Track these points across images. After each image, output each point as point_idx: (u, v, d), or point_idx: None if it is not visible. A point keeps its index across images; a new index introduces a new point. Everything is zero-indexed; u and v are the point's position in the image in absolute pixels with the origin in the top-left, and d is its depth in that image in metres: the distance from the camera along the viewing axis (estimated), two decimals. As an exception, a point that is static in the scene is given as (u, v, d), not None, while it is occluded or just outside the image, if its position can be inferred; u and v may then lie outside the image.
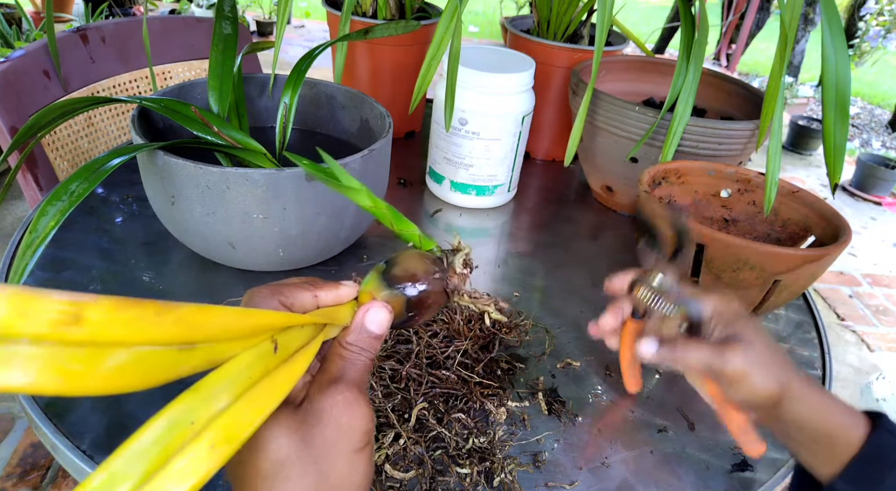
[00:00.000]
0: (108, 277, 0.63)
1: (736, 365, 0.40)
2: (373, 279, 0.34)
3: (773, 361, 0.41)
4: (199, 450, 0.22)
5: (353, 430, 0.28)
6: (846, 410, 0.40)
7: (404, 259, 0.34)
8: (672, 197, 0.73)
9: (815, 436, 0.40)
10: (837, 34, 0.65)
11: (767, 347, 0.42)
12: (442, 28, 0.64)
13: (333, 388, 0.29)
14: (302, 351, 0.28)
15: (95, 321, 0.18)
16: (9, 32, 2.18)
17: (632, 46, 1.06)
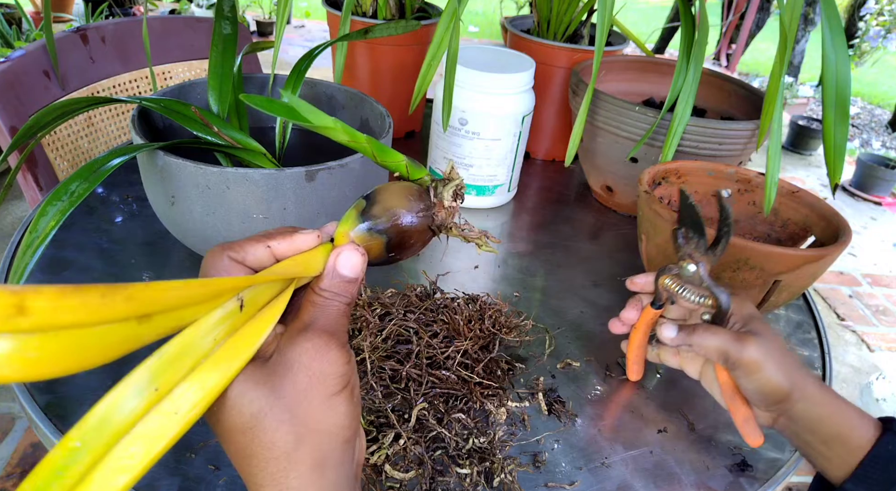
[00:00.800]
0: (108, 278, 0.63)
1: (752, 354, 0.42)
2: (350, 218, 0.31)
3: (787, 360, 0.43)
4: (162, 416, 0.22)
5: (326, 374, 0.27)
6: (857, 414, 0.41)
7: (385, 194, 0.31)
8: (672, 197, 0.73)
9: (826, 438, 0.40)
10: (837, 34, 0.65)
11: (782, 347, 0.44)
12: (442, 28, 0.64)
13: (302, 335, 0.28)
14: (270, 305, 0.28)
15: (41, 309, 0.18)
16: (9, 32, 2.18)
17: (632, 46, 1.06)
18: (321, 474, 0.27)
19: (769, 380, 0.42)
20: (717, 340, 0.43)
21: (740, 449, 0.53)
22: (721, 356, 0.43)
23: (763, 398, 0.43)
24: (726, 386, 0.46)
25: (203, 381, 0.24)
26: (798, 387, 0.42)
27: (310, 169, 0.55)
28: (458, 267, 0.72)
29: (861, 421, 0.41)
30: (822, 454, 0.42)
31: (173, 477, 0.45)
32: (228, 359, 0.25)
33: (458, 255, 0.75)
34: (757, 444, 0.46)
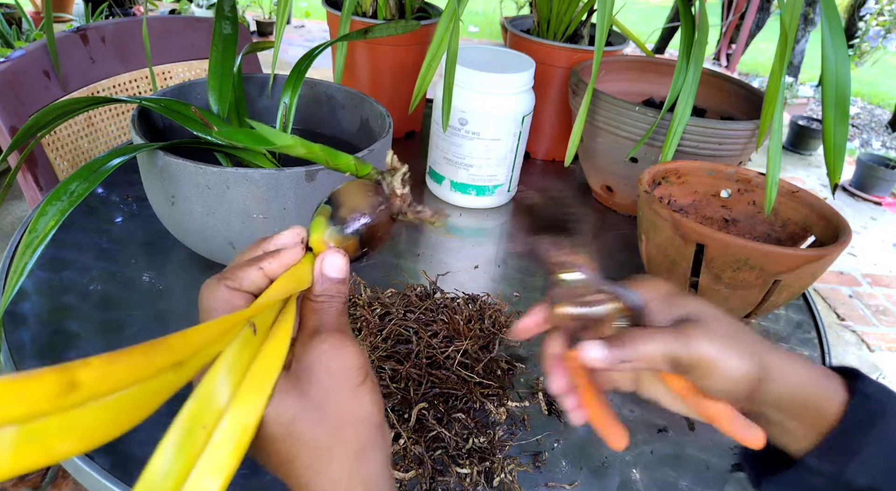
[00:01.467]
0: (107, 277, 0.63)
1: (703, 349, 0.33)
2: (321, 225, 0.33)
3: (742, 337, 0.35)
4: (219, 448, 0.24)
5: (346, 369, 0.29)
6: (825, 378, 0.35)
7: (347, 197, 0.34)
8: (672, 197, 0.73)
9: (795, 413, 0.35)
10: (837, 34, 0.65)
11: (729, 322, 0.35)
12: (442, 28, 0.64)
13: (316, 339, 0.30)
14: (279, 323, 0.30)
15: (91, 381, 0.19)
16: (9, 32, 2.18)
17: (632, 46, 1.06)
18: (364, 460, 0.29)
19: (733, 371, 0.33)
20: (656, 346, 0.34)
21: (739, 447, 0.53)
22: (668, 363, 0.34)
23: (733, 394, 0.35)
24: (685, 392, 0.37)
25: (246, 407, 0.26)
26: (766, 366, 0.34)
27: (310, 169, 0.55)
28: (457, 267, 0.72)
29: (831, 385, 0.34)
30: (787, 430, 0.35)
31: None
32: (261, 379, 0.27)
33: (457, 255, 0.75)
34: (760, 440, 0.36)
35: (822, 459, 0.34)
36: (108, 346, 0.55)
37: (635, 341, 0.34)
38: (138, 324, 0.58)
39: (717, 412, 0.36)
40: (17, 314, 0.57)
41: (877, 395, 0.33)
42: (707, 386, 0.34)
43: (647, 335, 0.34)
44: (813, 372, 0.35)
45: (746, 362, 0.34)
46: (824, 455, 0.33)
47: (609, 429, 0.38)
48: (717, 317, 0.35)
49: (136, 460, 0.46)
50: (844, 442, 0.33)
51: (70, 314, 0.58)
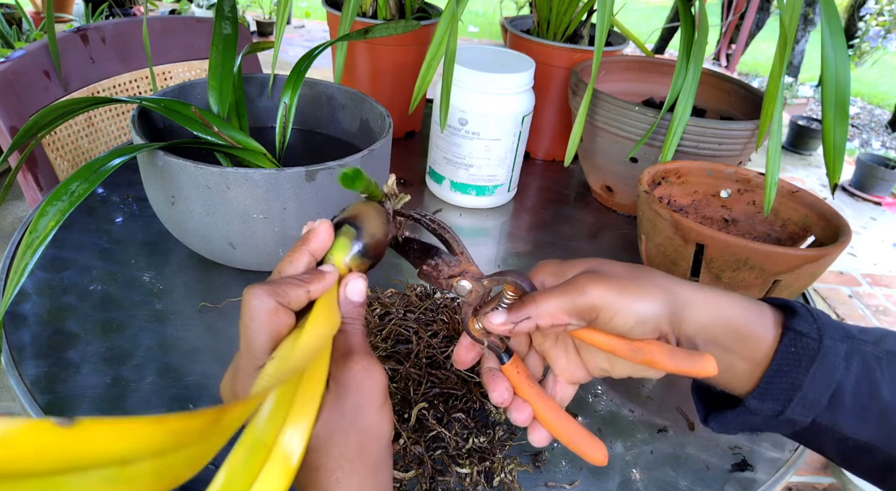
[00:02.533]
0: (108, 277, 0.63)
1: (597, 291, 0.33)
2: (344, 246, 0.36)
3: (640, 272, 0.35)
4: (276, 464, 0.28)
5: (375, 390, 0.32)
6: (754, 310, 0.34)
7: (367, 221, 0.36)
8: (672, 197, 0.73)
9: (728, 343, 0.34)
10: (837, 34, 0.65)
11: (626, 266, 0.35)
12: (442, 28, 0.64)
13: (350, 360, 0.32)
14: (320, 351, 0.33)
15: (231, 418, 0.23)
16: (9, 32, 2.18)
17: (632, 46, 1.06)
18: (377, 473, 0.32)
19: (638, 306, 0.33)
20: (553, 300, 0.34)
21: (740, 449, 0.53)
22: (568, 313, 0.33)
23: (653, 330, 0.33)
24: (611, 344, 0.34)
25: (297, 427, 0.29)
26: (681, 298, 0.33)
27: (310, 169, 0.55)
28: (458, 267, 0.72)
29: (760, 318, 0.34)
30: (724, 366, 0.34)
31: (173, 477, 0.45)
32: (309, 399, 0.30)
33: (458, 255, 0.75)
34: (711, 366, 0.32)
35: (762, 400, 0.34)
36: (108, 346, 0.55)
37: (533, 301, 0.35)
38: (138, 324, 0.58)
39: (651, 351, 0.33)
40: (17, 314, 0.57)
41: (812, 332, 0.33)
42: (618, 327, 0.33)
43: (542, 294, 0.35)
44: (742, 306, 0.34)
45: (650, 295, 0.33)
46: (764, 395, 0.33)
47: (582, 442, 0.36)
48: (610, 263, 0.36)
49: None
50: (781, 382, 0.33)
51: (70, 314, 0.58)
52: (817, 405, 0.33)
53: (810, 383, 0.32)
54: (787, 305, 0.35)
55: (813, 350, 0.33)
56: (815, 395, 0.33)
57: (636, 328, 0.33)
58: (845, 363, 0.33)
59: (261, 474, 0.27)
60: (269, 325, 0.31)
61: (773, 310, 0.35)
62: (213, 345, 0.57)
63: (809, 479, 1.47)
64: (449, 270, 0.39)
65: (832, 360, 0.33)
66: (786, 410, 0.33)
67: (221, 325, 0.59)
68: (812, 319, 0.34)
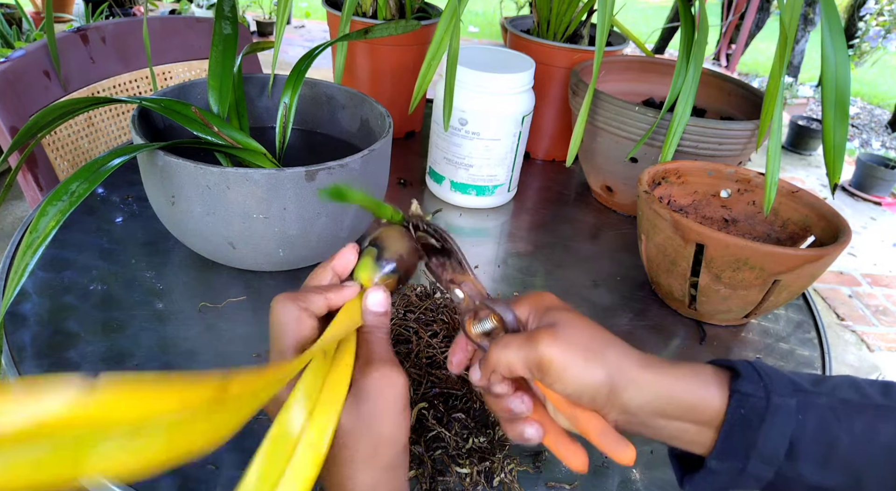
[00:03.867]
0: (108, 277, 0.63)
1: (547, 351, 0.34)
2: (368, 265, 0.39)
3: (595, 342, 0.36)
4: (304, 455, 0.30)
5: (396, 397, 0.34)
6: (698, 380, 0.35)
7: (389, 241, 0.40)
8: (672, 197, 0.73)
9: (675, 416, 0.35)
10: (837, 34, 0.65)
11: (587, 329, 0.37)
12: (442, 28, 0.64)
13: (372, 368, 0.34)
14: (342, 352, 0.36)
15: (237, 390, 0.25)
16: (9, 32, 2.18)
17: (632, 46, 1.06)
18: (394, 475, 0.34)
19: (581, 376, 0.34)
20: (510, 351, 0.36)
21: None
22: (523, 366, 0.35)
23: (591, 400, 0.35)
24: (558, 403, 0.37)
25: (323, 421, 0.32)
26: (624, 375, 0.35)
27: (310, 169, 0.55)
28: (458, 267, 0.72)
29: (705, 388, 0.35)
30: (677, 434, 0.36)
31: (173, 477, 0.45)
32: (333, 397, 0.33)
33: (458, 255, 0.75)
34: (628, 457, 0.36)
35: (721, 460, 0.35)
36: (108, 346, 0.55)
37: (495, 350, 0.37)
38: (138, 324, 0.58)
39: (587, 424, 0.36)
40: (18, 314, 0.57)
41: (758, 391, 0.34)
42: (559, 390, 0.35)
43: (503, 343, 0.37)
44: (686, 379, 0.35)
45: (593, 369, 0.35)
46: (722, 456, 0.34)
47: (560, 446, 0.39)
48: (574, 325, 0.37)
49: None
50: (734, 443, 0.34)
51: (71, 314, 0.58)
52: (775, 459, 0.33)
53: (763, 440, 0.33)
54: (732, 367, 0.36)
55: (761, 408, 0.34)
56: (770, 450, 0.33)
57: (574, 395, 0.36)
58: (801, 416, 0.34)
59: (291, 461, 0.30)
60: (294, 327, 0.35)
61: (718, 374, 0.36)
62: (213, 345, 0.57)
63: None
64: (452, 275, 0.41)
65: (783, 416, 0.33)
66: (746, 467, 0.34)
67: (221, 325, 0.59)
68: (758, 378, 0.35)
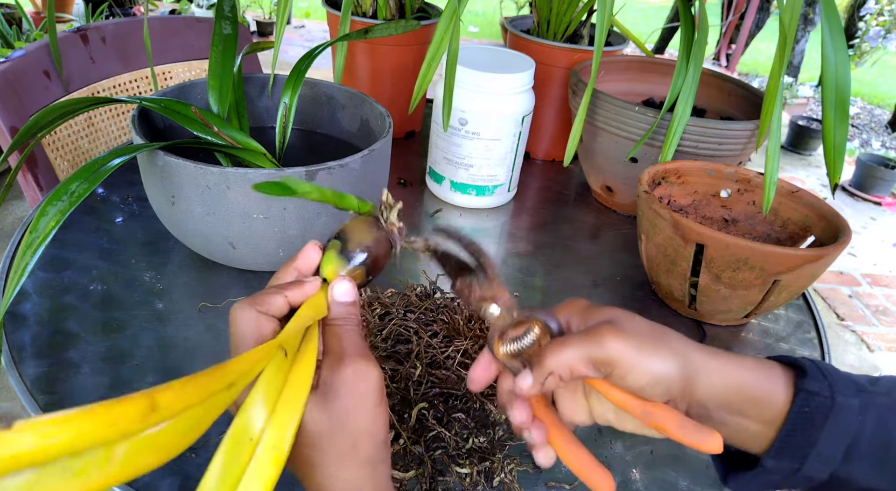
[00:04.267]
0: (108, 277, 0.63)
1: (614, 345, 0.33)
2: (332, 259, 0.38)
3: (657, 331, 0.35)
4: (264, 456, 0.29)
5: (369, 392, 0.33)
6: (765, 373, 0.35)
7: (353, 233, 0.39)
8: (672, 197, 0.73)
9: (740, 408, 0.34)
10: (837, 34, 0.65)
11: (643, 321, 0.36)
12: (442, 28, 0.64)
13: (341, 365, 0.33)
14: (305, 348, 0.34)
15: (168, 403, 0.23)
16: (9, 32, 2.18)
17: (632, 46, 1.06)
18: (374, 469, 0.33)
19: (652, 367, 0.33)
20: (571, 351, 0.34)
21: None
22: (586, 363, 0.34)
23: (664, 393, 0.34)
24: (625, 401, 0.35)
25: (284, 421, 0.30)
26: (694, 363, 0.34)
27: (310, 169, 0.55)
28: (458, 267, 0.72)
29: (772, 383, 0.34)
30: (738, 430, 0.35)
31: (173, 477, 0.45)
32: (294, 400, 0.31)
33: (458, 255, 0.75)
34: (717, 445, 0.33)
35: (778, 459, 0.34)
36: (108, 346, 0.55)
37: (552, 352, 0.35)
38: (138, 324, 0.58)
39: (663, 418, 0.34)
40: (17, 314, 0.57)
41: (823, 390, 0.34)
42: (631, 385, 0.34)
43: (561, 343, 0.35)
44: (754, 370, 0.35)
45: (665, 357, 0.33)
46: (780, 455, 0.34)
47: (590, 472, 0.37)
48: (631, 318, 0.36)
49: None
50: (795, 441, 0.33)
51: (70, 314, 0.58)
52: (833, 460, 0.33)
53: (825, 440, 0.33)
54: (796, 363, 0.36)
55: (826, 408, 0.33)
56: (830, 451, 0.33)
57: (647, 388, 0.34)
58: (860, 417, 0.33)
59: (251, 464, 0.28)
60: (254, 333, 0.34)
61: (784, 370, 0.35)
62: (213, 345, 0.57)
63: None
64: (481, 292, 0.39)
65: (846, 415, 0.33)
66: (802, 468, 0.33)
67: (221, 325, 0.59)
68: (822, 377, 0.34)
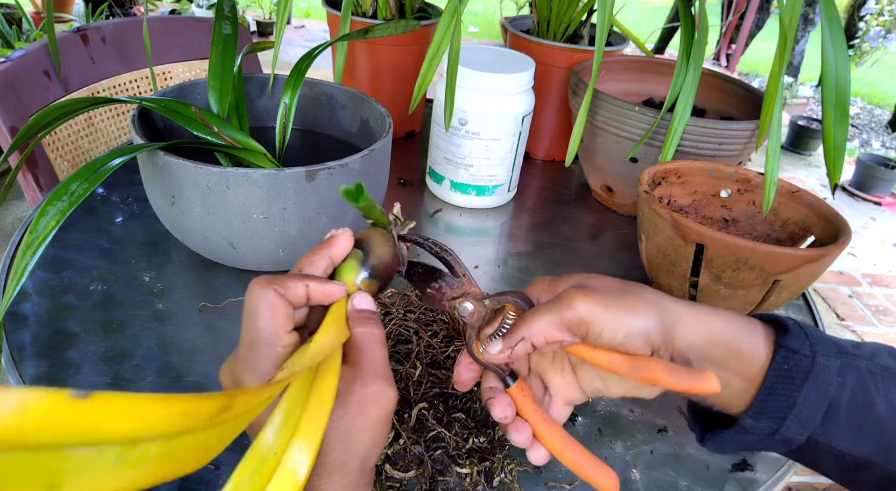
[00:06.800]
0: (108, 277, 0.63)
1: (585, 305, 0.33)
2: (353, 268, 0.38)
3: (628, 286, 0.35)
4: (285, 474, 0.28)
5: (381, 418, 0.32)
6: (746, 327, 0.34)
7: (375, 245, 0.39)
8: (672, 197, 0.73)
9: (722, 363, 0.34)
10: (837, 34, 0.65)
11: (612, 279, 0.36)
12: (442, 28, 0.64)
13: (361, 383, 0.32)
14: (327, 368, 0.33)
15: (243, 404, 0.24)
16: (9, 32, 2.18)
17: (632, 46, 1.06)
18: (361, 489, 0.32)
19: (627, 320, 0.33)
20: (542, 317, 0.34)
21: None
22: (560, 327, 0.34)
23: (643, 343, 0.33)
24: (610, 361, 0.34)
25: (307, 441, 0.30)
26: (671, 313, 0.34)
27: (310, 169, 0.55)
28: (458, 267, 0.72)
29: (752, 335, 0.34)
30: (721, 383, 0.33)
31: (173, 477, 0.45)
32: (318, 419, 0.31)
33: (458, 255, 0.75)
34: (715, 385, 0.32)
35: (756, 418, 0.33)
36: (108, 346, 0.55)
37: (524, 322, 0.35)
38: (138, 324, 0.58)
39: (651, 369, 0.33)
40: (17, 314, 0.57)
41: (804, 348, 0.33)
42: (609, 341, 0.34)
43: (532, 313, 0.35)
44: (734, 322, 0.34)
45: (639, 308, 0.33)
46: (758, 414, 0.33)
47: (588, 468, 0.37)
48: (599, 278, 0.36)
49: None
50: (775, 400, 0.33)
51: (70, 314, 0.58)
52: (812, 422, 0.32)
53: (804, 401, 0.32)
54: (778, 321, 0.35)
55: (806, 367, 0.33)
56: (809, 412, 0.32)
57: (627, 341, 0.33)
58: (840, 379, 0.32)
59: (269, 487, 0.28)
60: (267, 314, 0.33)
61: (765, 326, 0.35)
62: (213, 345, 0.57)
63: (809, 479, 1.47)
64: (451, 292, 0.40)
65: (826, 376, 0.32)
66: (781, 428, 0.33)
67: (221, 325, 0.59)
68: (804, 336, 0.34)
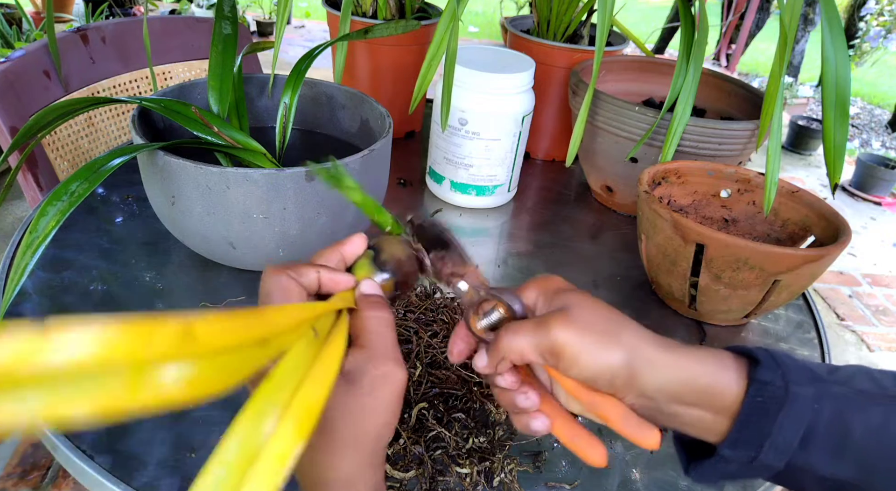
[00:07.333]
0: (108, 277, 0.63)
1: (560, 336, 0.33)
2: (365, 266, 0.39)
3: (610, 323, 0.35)
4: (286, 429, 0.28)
5: (392, 398, 0.33)
6: (718, 364, 0.34)
7: (387, 246, 0.40)
8: (672, 197, 0.73)
9: (692, 401, 0.34)
10: (837, 34, 0.65)
11: (599, 310, 0.36)
12: (442, 28, 0.64)
13: (373, 363, 0.33)
14: (335, 334, 0.34)
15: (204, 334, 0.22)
16: (9, 32, 2.18)
17: (632, 46, 1.06)
18: (374, 469, 0.33)
19: (597, 358, 0.33)
20: (521, 337, 0.35)
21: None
22: (535, 352, 0.34)
23: (609, 384, 0.34)
24: (574, 389, 0.36)
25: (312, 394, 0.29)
26: (641, 355, 0.34)
27: (310, 169, 0.55)
28: (458, 267, 0.72)
29: (723, 372, 0.34)
30: (692, 421, 0.35)
31: (173, 477, 0.45)
32: (323, 375, 0.30)
33: (458, 255, 0.75)
34: (654, 441, 0.35)
35: (734, 449, 0.34)
36: (108, 346, 0.55)
37: (505, 337, 0.36)
38: (138, 324, 0.58)
39: (607, 409, 0.35)
40: (17, 314, 0.57)
41: (776, 379, 0.33)
42: (577, 374, 0.34)
43: (515, 330, 0.35)
44: (705, 362, 0.35)
45: (611, 351, 0.34)
46: (735, 444, 0.34)
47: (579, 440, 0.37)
48: (586, 307, 0.35)
49: (136, 460, 0.46)
50: (750, 431, 0.33)
51: (71, 314, 0.58)
52: (789, 448, 0.33)
53: (779, 429, 0.33)
54: (750, 354, 0.35)
55: (780, 398, 0.33)
56: (785, 439, 0.33)
57: (590, 380, 0.34)
58: (816, 406, 0.33)
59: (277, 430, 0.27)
60: (281, 297, 0.34)
61: (737, 360, 0.35)
62: (213, 345, 0.57)
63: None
64: (453, 268, 0.40)
65: (800, 405, 0.33)
66: (759, 456, 0.33)
67: (221, 325, 0.59)
68: (776, 366, 0.34)
